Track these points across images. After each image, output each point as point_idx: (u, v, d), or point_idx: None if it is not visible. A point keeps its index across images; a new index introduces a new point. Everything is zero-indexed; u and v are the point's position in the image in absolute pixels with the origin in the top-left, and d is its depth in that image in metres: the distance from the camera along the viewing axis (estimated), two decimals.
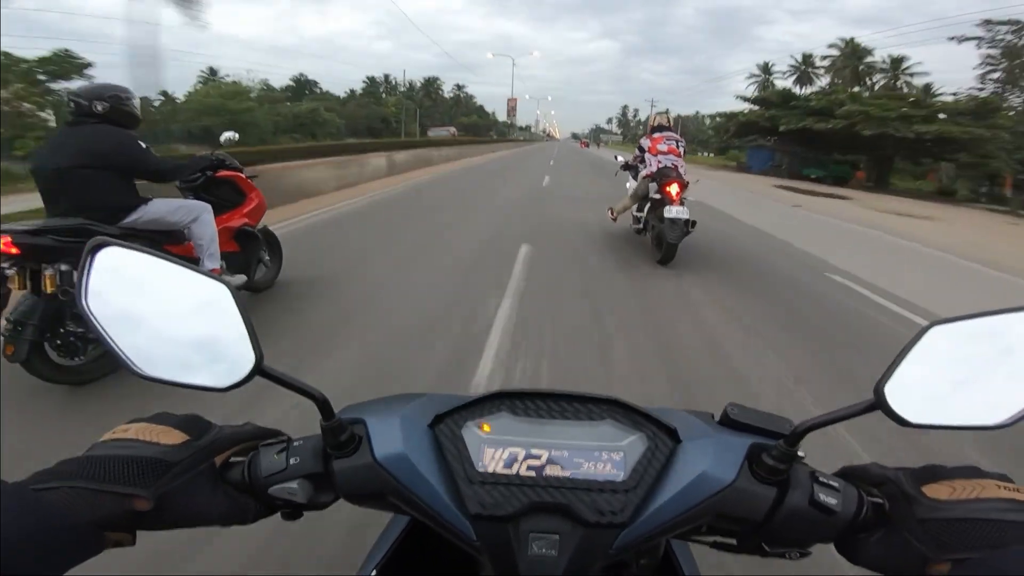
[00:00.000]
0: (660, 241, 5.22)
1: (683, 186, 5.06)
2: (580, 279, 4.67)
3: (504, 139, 59.70)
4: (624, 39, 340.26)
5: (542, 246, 5.85)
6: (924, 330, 0.39)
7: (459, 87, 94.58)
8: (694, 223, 4.98)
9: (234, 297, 0.39)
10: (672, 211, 4.90)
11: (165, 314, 0.39)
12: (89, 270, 0.38)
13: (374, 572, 0.56)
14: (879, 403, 0.39)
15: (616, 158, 7.05)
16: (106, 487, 0.37)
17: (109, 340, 0.38)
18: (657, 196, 5.18)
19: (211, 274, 0.40)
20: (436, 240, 6.04)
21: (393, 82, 76.46)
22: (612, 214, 6.46)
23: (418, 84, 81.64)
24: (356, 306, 3.67)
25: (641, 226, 6.01)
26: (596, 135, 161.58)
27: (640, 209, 5.94)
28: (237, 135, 3.48)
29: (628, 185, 6.38)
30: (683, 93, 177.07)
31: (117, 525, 0.38)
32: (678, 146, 5.49)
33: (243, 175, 3.52)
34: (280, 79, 69.58)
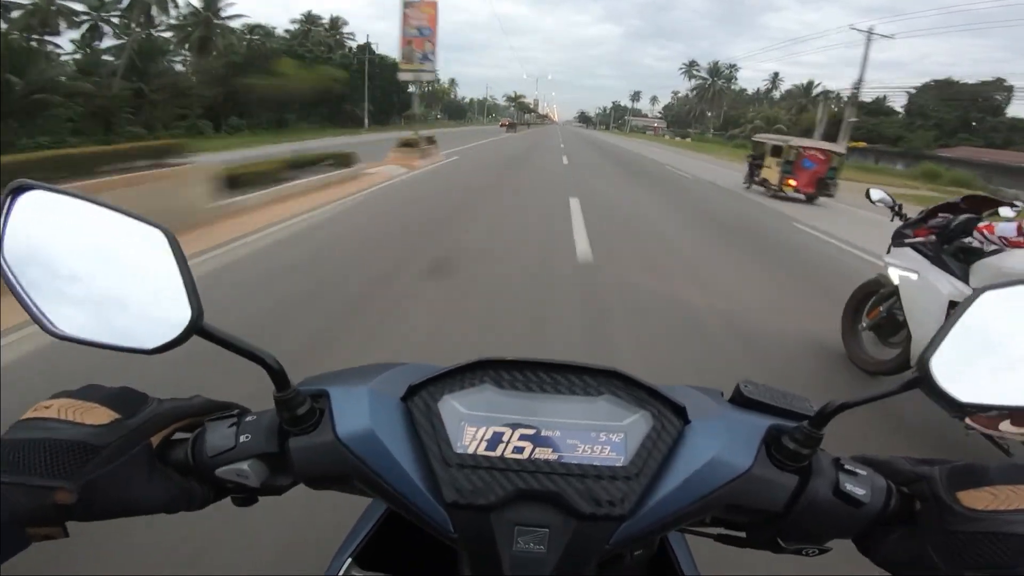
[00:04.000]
0: None
1: None
2: None
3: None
4: (627, 23, 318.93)
5: None
6: (973, 297, 0.34)
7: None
8: None
9: (171, 244, 0.35)
10: None
11: (92, 265, 0.34)
12: (7, 216, 0.33)
13: (350, 559, 0.52)
14: (923, 379, 0.34)
15: (882, 203, 2.96)
16: (22, 479, 0.33)
17: (23, 294, 0.34)
18: None
19: (147, 218, 0.35)
20: None
21: None
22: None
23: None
24: None
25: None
26: (613, 117, 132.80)
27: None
28: None
29: (907, 292, 2.59)
30: (682, 78, 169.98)
31: (41, 520, 0.34)
32: None
33: None
34: None
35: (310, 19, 44.70)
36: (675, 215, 8.41)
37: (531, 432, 0.38)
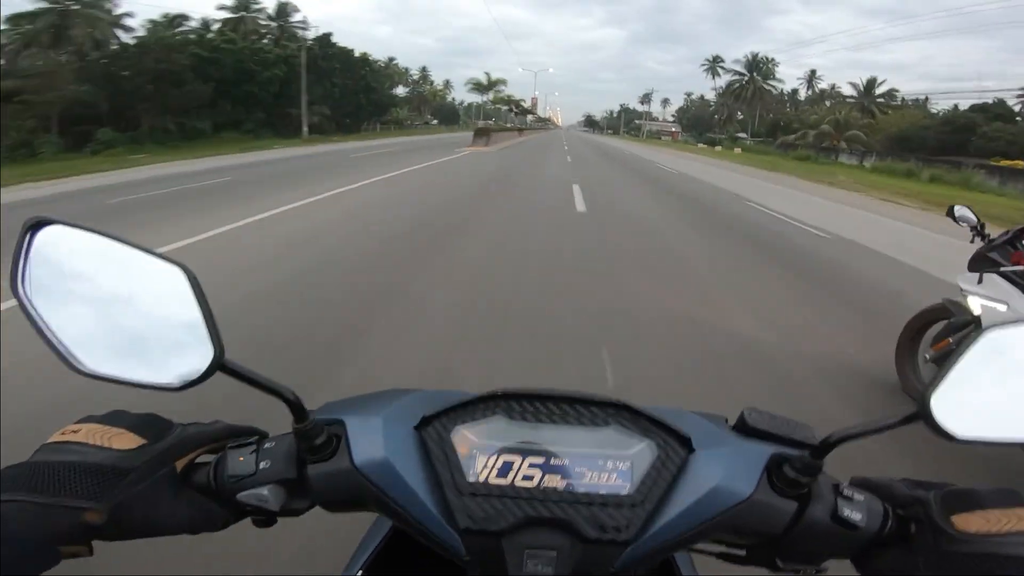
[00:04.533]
0: None
1: None
2: None
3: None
4: (630, 27, 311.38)
5: None
6: (977, 336, 0.35)
7: None
8: None
9: (191, 283, 0.35)
10: None
11: (113, 302, 0.35)
12: (27, 252, 0.34)
13: (360, 572, 0.53)
14: (922, 414, 0.35)
15: (963, 221, 2.66)
16: (54, 500, 0.33)
17: (47, 333, 0.34)
18: None
19: (167, 256, 0.36)
20: None
21: None
22: None
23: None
24: None
25: None
26: (623, 120, 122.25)
27: None
28: None
29: None
30: (686, 80, 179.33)
31: (70, 539, 0.35)
32: None
33: None
34: None
35: (242, 4, 35.21)
36: None
37: (540, 461, 0.39)
